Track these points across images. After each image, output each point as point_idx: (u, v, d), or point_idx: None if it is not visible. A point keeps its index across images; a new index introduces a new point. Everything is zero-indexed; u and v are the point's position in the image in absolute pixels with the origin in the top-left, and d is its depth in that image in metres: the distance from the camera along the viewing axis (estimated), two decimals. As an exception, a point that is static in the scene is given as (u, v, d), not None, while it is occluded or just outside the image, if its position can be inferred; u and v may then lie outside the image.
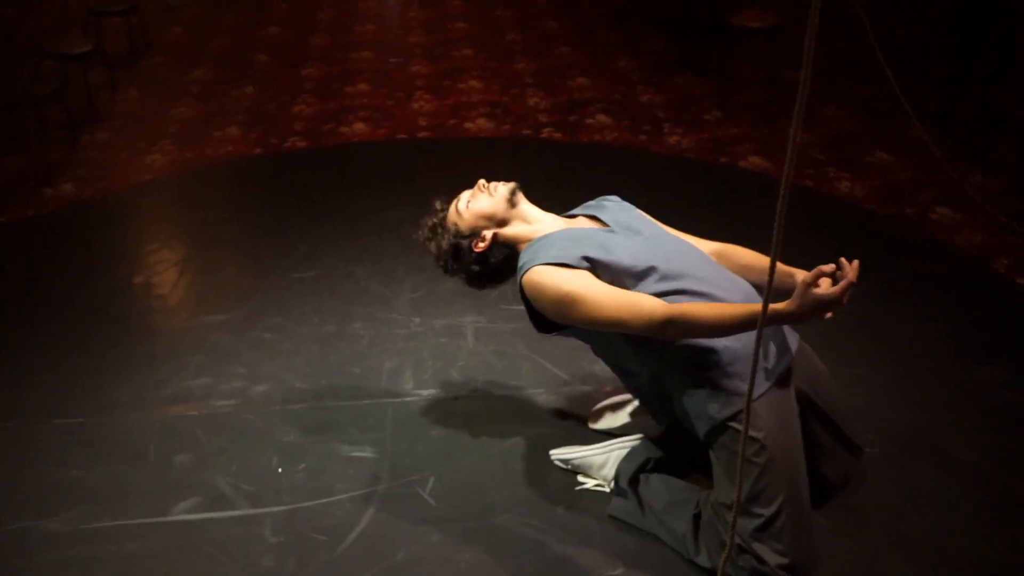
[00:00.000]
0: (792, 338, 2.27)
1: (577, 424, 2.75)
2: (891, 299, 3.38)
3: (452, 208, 2.41)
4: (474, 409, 2.86)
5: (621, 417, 2.68)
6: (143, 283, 3.66)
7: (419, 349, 3.15)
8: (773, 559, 2.10)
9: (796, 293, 1.93)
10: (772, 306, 1.86)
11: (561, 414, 2.81)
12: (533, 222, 2.36)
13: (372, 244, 3.86)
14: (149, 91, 5.71)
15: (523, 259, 2.25)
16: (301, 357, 3.14)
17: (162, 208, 4.38)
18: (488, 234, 2.34)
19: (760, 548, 2.10)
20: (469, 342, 3.19)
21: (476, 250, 2.35)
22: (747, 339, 2.07)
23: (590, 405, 2.78)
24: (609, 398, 2.77)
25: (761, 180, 4.34)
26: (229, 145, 4.90)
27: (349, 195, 4.28)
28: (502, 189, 2.37)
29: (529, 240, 2.31)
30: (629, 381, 2.41)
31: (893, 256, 3.66)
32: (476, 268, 2.38)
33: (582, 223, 2.38)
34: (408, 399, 2.91)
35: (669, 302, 2.08)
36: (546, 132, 4.97)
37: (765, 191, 4.09)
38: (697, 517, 2.28)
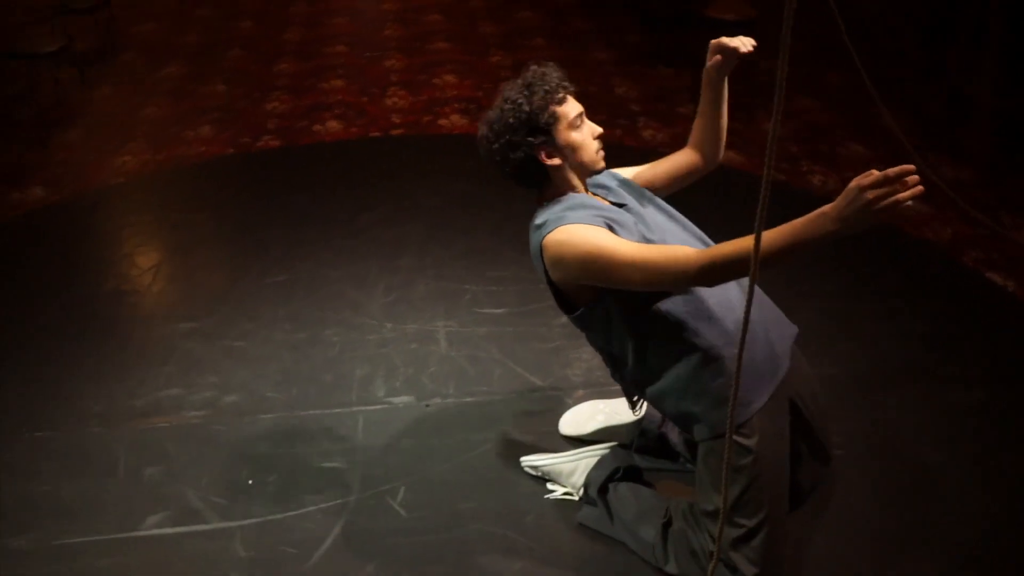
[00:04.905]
0: (788, 347, 2.23)
1: (548, 430, 2.76)
2: (859, 295, 3.40)
3: (571, 106, 2.17)
4: (445, 416, 2.86)
5: (592, 424, 2.69)
6: (114, 290, 3.63)
7: (390, 355, 3.15)
8: (748, 569, 2.11)
9: (844, 194, 1.74)
10: (818, 212, 1.75)
11: (532, 420, 2.82)
12: (576, 190, 2.22)
13: (346, 246, 3.85)
14: (120, 89, 5.66)
15: (543, 217, 2.15)
16: (272, 365, 3.13)
17: (133, 212, 4.35)
18: (559, 160, 2.17)
19: (736, 557, 2.11)
20: (441, 347, 3.19)
21: (536, 152, 2.14)
22: (754, 351, 2.06)
23: (562, 411, 2.78)
24: (580, 404, 2.78)
25: (737, 175, 4.35)
26: (201, 145, 4.87)
27: (322, 196, 4.27)
28: (601, 163, 2.23)
29: (564, 195, 2.20)
30: (618, 371, 2.31)
31: (862, 251, 3.68)
32: (520, 157, 2.15)
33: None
34: (379, 407, 2.91)
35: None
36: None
37: (741, 186, 4.09)
38: (666, 526, 2.29)
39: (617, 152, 4.73)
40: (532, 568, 2.33)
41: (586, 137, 2.18)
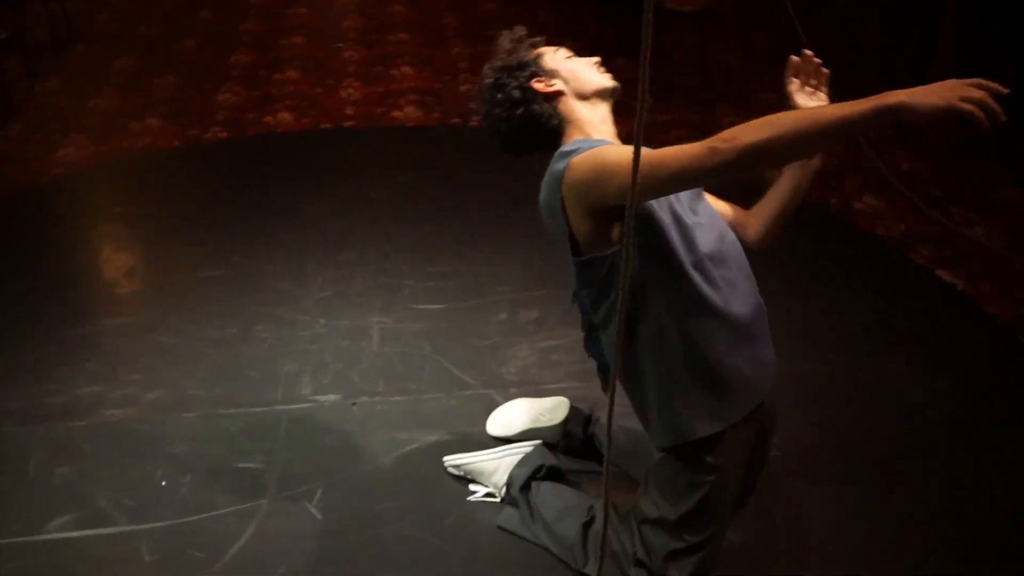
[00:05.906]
0: (774, 368, 2.02)
1: (476, 430, 2.67)
2: (809, 291, 3.34)
3: (553, 48, 2.07)
4: (371, 415, 2.77)
5: (520, 423, 2.61)
6: (45, 285, 3.51)
7: (321, 352, 3.06)
8: None
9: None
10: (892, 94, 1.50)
11: (460, 419, 2.73)
12: (604, 124, 2.01)
13: (286, 239, 3.76)
14: (70, 81, 5.53)
15: (570, 147, 1.91)
16: (199, 362, 3.03)
17: (70, 205, 4.23)
18: (559, 85, 1.99)
19: (671, 570, 2.01)
20: (373, 343, 3.10)
21: (535, 85, 1.99)
22: (749, 361, 1.91)
23: (491, 410, 2.70)
24: (509, 403, 2.70)
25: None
26: (147, 137, 4.75)
27: (266, 188, 4.16)
28: (611, 80, 2.03)
29: (586, 135, 1.99)
30: (595, 344, 2.10)
31: (814, 247, 3.62)
32: (518, 95, 1.99)
33: None
34: (304, 405, 2.82)
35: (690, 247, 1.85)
36: (476, 120, 4.85)
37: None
38: (587, 525, 2.21)
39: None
40: (448, 572, 2.25)
41: (580, 61, 2.03)
